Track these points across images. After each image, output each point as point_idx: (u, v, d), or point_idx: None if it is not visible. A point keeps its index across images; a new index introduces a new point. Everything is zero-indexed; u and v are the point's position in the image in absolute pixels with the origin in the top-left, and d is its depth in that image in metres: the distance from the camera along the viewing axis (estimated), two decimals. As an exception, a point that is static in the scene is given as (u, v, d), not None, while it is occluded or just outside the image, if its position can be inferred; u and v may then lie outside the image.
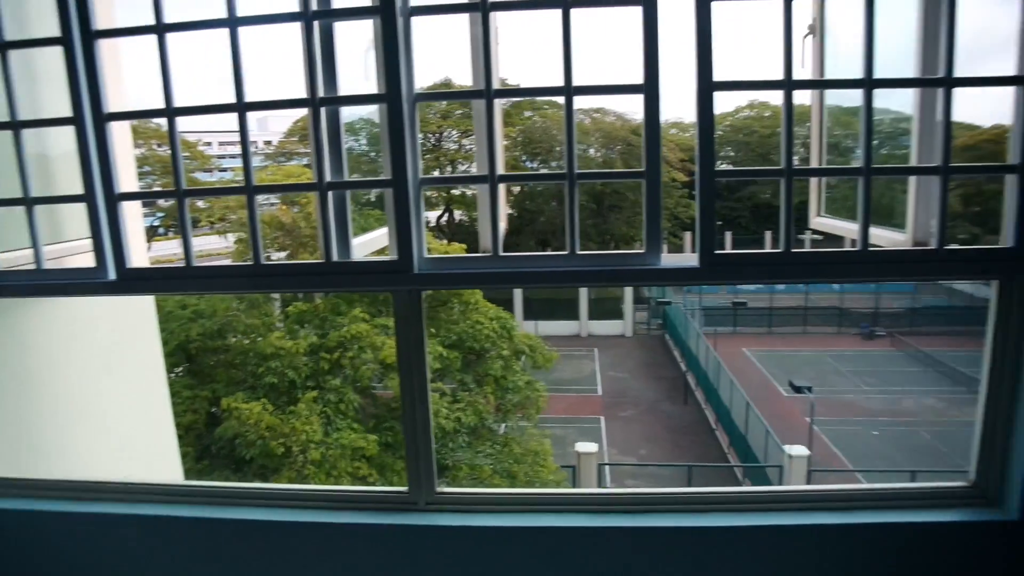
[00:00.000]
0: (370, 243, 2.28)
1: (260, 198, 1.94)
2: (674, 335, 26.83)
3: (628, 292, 28.32)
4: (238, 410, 9.62)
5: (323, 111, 1.84)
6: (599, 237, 31.94)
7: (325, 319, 11.16)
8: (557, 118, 30.17)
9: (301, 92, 1.84)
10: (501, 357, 12.02)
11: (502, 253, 1.89)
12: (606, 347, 27.07)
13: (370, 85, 1.91)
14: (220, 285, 2.06)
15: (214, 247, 19.69)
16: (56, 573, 2.13)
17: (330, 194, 1.88)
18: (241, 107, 1.83)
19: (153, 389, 3.53)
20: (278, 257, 12.80)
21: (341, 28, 1.90)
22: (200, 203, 17.52)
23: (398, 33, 1.75)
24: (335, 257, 1.91)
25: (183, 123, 1.95)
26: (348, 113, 2.02)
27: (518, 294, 26.26)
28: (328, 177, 1.87)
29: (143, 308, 3.42)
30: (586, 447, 13.24)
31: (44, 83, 2.18)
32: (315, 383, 10.47)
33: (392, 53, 1.75)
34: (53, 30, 1.82)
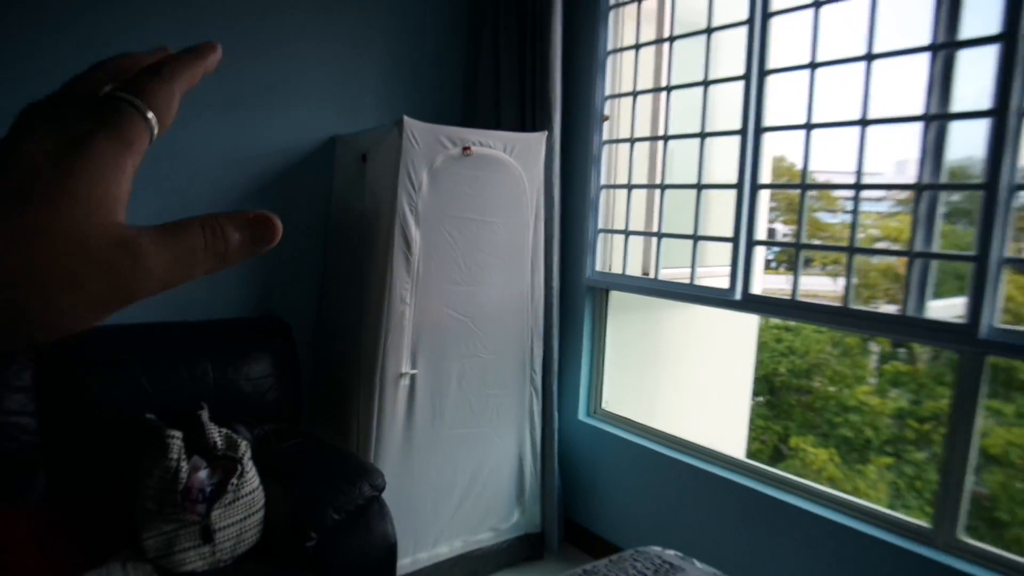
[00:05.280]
0: (948, 309, 2.39)
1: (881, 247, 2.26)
2: None
3: None
4: (804, 452, 9.80)
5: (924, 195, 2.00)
6: None
7: (922, 386, 10.25)
8: None
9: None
10: None
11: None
12: None
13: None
14: (811, 318, 2.38)
15: (822, 288, 19.97)
16: (623, 484, 2.94)
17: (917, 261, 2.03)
18: (856, 186, 2.18)
19: (736, 405, 4.38)
20: (885, 308, 12.29)
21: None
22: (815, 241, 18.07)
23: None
24: (910, 312, 2.05)
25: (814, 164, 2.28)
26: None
27: None
28: (919, 245, 2.01)
29: (748, 336, 4.26)
30: None
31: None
32: (894, 450, 9.79)
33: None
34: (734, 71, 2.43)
